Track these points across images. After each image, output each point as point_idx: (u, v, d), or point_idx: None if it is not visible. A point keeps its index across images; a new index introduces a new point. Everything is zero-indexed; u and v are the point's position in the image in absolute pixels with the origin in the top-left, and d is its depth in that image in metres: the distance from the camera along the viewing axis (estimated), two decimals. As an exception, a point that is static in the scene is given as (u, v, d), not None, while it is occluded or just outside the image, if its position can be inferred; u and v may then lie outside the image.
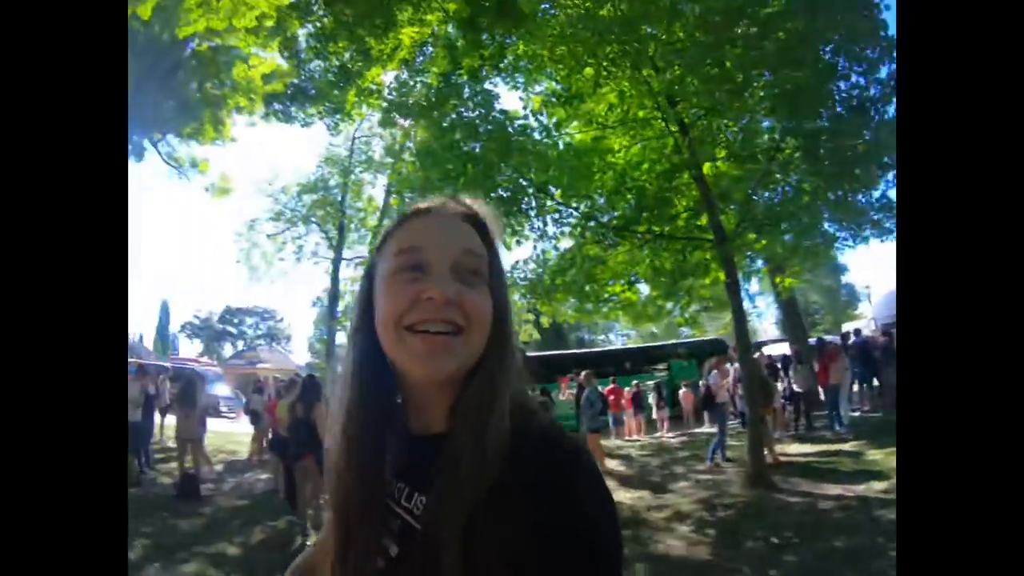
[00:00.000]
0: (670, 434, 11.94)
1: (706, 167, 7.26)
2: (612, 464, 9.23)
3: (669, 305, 8.56)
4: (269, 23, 10.75)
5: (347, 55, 10.10)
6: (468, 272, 0.65)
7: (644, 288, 8.63)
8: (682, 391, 12.99)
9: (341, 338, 19.77)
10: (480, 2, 6.68)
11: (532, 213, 7.79)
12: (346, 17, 9.82)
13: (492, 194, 7.07)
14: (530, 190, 7.62)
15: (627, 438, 11.97)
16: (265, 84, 12.53)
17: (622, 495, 7.16)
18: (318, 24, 10.34)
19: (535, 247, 8.30)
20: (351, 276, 21.61)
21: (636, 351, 18.54)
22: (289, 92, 12.60)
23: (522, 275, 8.17)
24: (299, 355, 41.37)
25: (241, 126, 21.23)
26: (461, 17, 6.86)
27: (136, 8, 7.37)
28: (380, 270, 0.69)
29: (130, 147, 12.83)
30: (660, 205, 7.45)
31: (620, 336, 40.25)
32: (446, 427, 0.63)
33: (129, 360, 10.97)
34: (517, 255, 8.42)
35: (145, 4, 7.40)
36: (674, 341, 17.89)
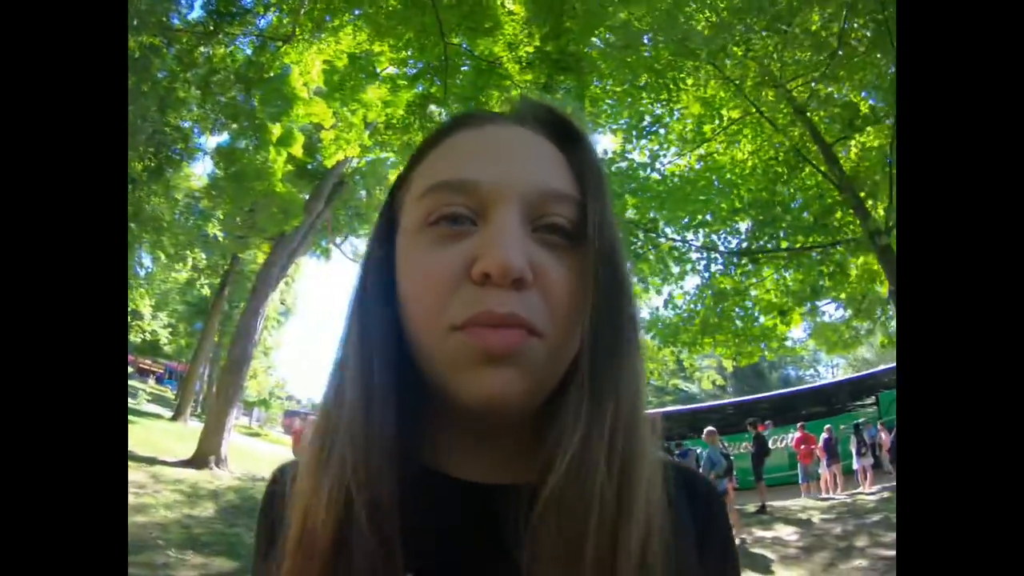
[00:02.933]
0: (872, 489, 9.11)
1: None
2: (784, 532, 7.48)
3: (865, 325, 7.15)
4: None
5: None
6: (550, 225, 0.39)
7: (831, 309, 7.51)
8: (880, 431, 10.09)
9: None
10: (547, 65, 6.64)
11: (651, 257, 7.20)
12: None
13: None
14: (639, 232, 7.08)
15: (822, 495, 9.50)
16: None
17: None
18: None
19: (661, 292, 7.58)
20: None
21: (830, 387, 15.16)
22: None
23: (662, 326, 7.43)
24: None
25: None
26: (539, 83, 6.94)
27: (290, 148, 9.15)
28: (405, 220, 0.42)
29: (318, 249, 16.26)
30: (786, 212, 6.37)
31: (828, 367, 34.37)
32: (522, 477, 0.38)
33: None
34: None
35: (296, 144, 9.17)
36: (884, 367, 14.00)
